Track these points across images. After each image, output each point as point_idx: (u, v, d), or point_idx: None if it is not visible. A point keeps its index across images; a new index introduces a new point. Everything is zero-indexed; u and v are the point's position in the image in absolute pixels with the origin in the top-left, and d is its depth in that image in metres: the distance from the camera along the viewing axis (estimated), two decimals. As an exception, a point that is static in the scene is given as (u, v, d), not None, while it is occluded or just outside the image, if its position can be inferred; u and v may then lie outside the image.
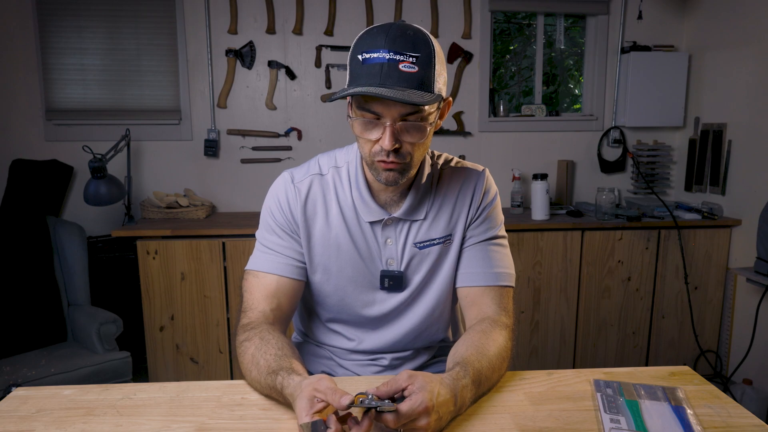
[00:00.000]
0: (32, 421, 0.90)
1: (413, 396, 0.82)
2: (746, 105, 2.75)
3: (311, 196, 1.13)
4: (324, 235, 1.13)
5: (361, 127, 0.99)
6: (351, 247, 1.13)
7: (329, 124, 3.10)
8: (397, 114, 0.95)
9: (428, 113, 0.98)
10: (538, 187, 2.78)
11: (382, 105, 0.94)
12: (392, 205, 1.13)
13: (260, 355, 0.98)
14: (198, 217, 2.82)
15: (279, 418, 0.91)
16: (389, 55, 0.92)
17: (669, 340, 2.91)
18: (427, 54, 0.94)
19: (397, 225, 1.13)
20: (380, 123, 0.97)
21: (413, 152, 1.00)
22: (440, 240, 1.14)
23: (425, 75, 0.94)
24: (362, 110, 0.97)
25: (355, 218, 1.12)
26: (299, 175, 1.15)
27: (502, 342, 1.04)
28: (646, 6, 3.12)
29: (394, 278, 1.14)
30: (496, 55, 3.69)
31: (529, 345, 2.83)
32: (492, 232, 1.17)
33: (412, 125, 0.97)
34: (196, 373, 2.65)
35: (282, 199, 1.13)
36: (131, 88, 2.99)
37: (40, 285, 2.42)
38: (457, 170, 1.18)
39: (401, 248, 1.14)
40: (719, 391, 1.00)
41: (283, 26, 3.00)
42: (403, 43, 0.93)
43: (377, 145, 0.99)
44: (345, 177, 1.14)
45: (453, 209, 1.15)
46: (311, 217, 1.13)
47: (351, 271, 1.14)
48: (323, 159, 1.17)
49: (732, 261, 2.86)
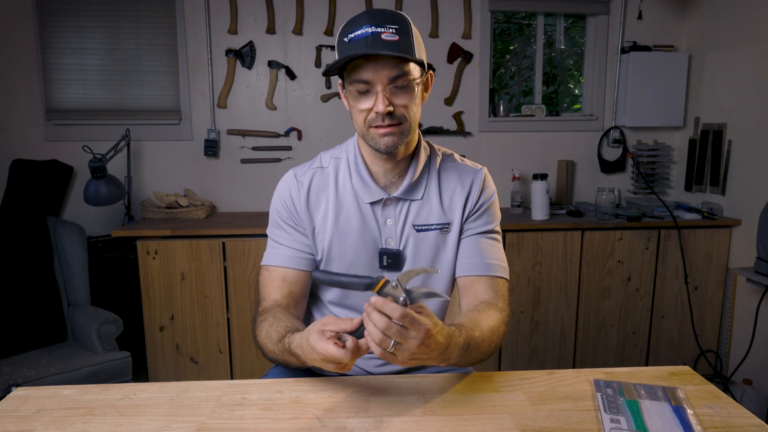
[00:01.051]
0: (32, 421, 0.90)
1: (423, 313, 0.85)
2: (746, 105, 2.75)
3: (313, 188, 1.20)
4: (325, 223, 1.18)
5: (354, 97, 1.07)
6: (352, 231, 1.18)
7: (329, 124, 3.10)
8: (386, 78, 1.03)
9: (415, 78, 1.06)
10: (538, 187, 2.78)
11: (372, 71, 1.02)
12: (391, 187, 1.19)
13: (273, 329, 1.06)
14: (198, 217, 2.82)
15: (279, 418, 0.91)
16: (371, 29, 1.01)
17: (669, 340, 2.91)
18: (405, 25, 1.04)
19: (397, 205, 1.18)
20: (371, 91, 1.04)
21: (406, 113, 1.07)
22: (437, 226, 1.19)
23: (406, 41, 1.03)
24: (353, 83, 1.05)
25: (355, 202, 1.18)
26: (301, 170, 1.23)
27: (496, 320, 1.08)
28: (646, 6, 3.12)
29: (392, 255, 1.18)
30: (496, 55, 3.69)
31: (529, 345, 2.83)
32: (488, 227, 1.22)
33: (401, 88, 1.05)
34: (196, 373, 2.65)
35: (285, 194, 1.21)
36: (131, 88, 2.99)
37: (40, 285, 2.42)
38: (458, 165, 1.24)
39: (400, 228, 1.18)
40: (719, 391, 1.00)
41: (283, 26, 3.00)
42: (381, 17, 1.03)
43: (371, 113, 1.06)
44: (344, 165, 1.21)
45: (450, 197, 1.20)
46: (314, 208, 1.19)
47: (352, 255, 1.18)
48: (325, 155, 1.25)
49: (732, 261, 2.86)
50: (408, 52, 1.02)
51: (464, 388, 1.01)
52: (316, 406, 0.95)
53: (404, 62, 1.04)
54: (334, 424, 0.89)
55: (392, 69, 1.02)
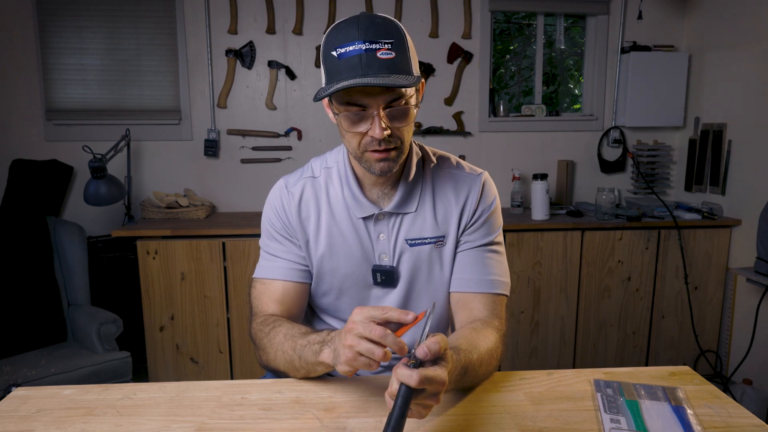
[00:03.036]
0: (32, 421, 0.90)
1: (441, 364, 0.78)
2: (746, 105, 2.75)
3: (304, 199, 1.15)
4: (318, 236, 1.14)
5: (348, 121, 0.99)
6: (344, 245, 1.13)
7: (329, 124, 3.09)
8: (383, 102, 0.96)
9: (410, 96, 1.00)
10: (538, 187, 2.78)
11: (368, 96, 0.96)
12: (383, 200, 1.13)
13: (294, 331, 1.01)
14: (198, 217, 2.82)
15: (279, 418, 0.91)
16: (365, 45, 0.93)
17: (669, 340, 2.91)
18: (400, 38, 0.96)
19: (389, 219, 1.13)
20: (367, 114, 0.98)
21: (402, 136, 1.02)
22: (431, 240, 1.14)
23: (402, 59, 0.96)
24: (347, 105, 0.98)
25: (347, 216, 1.13)
26: (292, 180, 1.18)
27: (493, 340, 1.03)
28: (646, 6, 3.12)
29: (385, 273, 1.14)
30: (496, 55, 3.69)
31: (529, 345, 2.83)
32: (488, 238, 1.16)
33: (398, 110, 0.98)
34: (196, 373, 2.65)
35: (277, 205, 1.16)
36: (131, 88, 2.99)
37: (40, 285, 2.42)
38: (453, 173, 1.17)
39: (393, 243, 1.14)
40: (719, 391, 1.00)
41: (283, 26, 3.00)
42: (375, 31, 0.94)
43: (367, 137, 0.99)
44: (335, 176, 1.16)
45: (444, 209, 1.15)
46: (305, 219, 1.15)
47: (345, 269, 1.14)
48: (315, 162, 1.20)
49: (732, 261, 2.86)
50: (405, 69, 0.96)
51: (464, 388, 1.01)
52: (316, 406, 0.94)
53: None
54: (334, 424, 0.88)
55: (389, 93, 0.96)
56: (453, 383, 0.88)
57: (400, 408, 0.74)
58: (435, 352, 0.75)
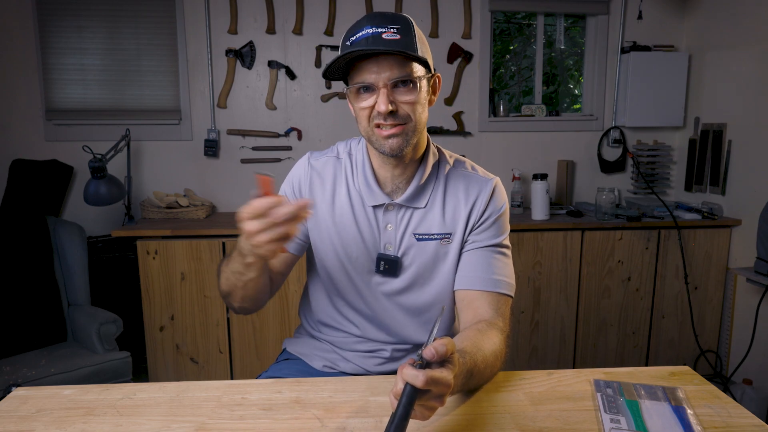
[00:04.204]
0: (32, 421, 0.90)
1: (447, 366, 0.77)
2: (746, 105, 2.75)
3: (324, 174, 1.20)
4: (330, 213, 1.18)
5: (356, 97, 1.05)
6: (354, 229, 1.17)
7: (329, 124, 3.10)
8: (388, 78, 1.01)
9: (418, 76, 1.03)
10: (538, 187, 2.78)
11: (373, 72, 1.01)
12: (395, 193, 1.17)
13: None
14: (198, 217, 2.82)
15: (279, 418, 0.91)
16: (372, 30, 1.00)
17: (669, 340, 2.91)
18: (407, 25, 1.02)
19: (399, 211, 1.16)
20: (374, 91, 1.03)
21: (411, 113, 1.05)
22: (438, 236, 1.16)
23: (408, 40, 1.01)
24: (355, 85, 1.04)
25: (360, 202, 1.17)
26: (317, 154, 1.24)
27: (498, 342, 1.03)
28: (646, 6, 3.12)
29: (389, 262, 1.16)
30: (496, 55, 3.69)
31: (529, 345, 2.83)
32: (496, 240, 1.17)
33: (405, 86, 1.03)
34: (196, 373, 2.65)
35: (294, 176, 1.23)
36: (131, 88, 2.99)
37: (40, 285, 2.42)
38: (467, 174, 1.20)
39: (400, 235, 1.17)
40: (719, 391, 1.00)
41: (283, 26, 3.00)
42: (382, 19, 1.01)
43: (374, 111, 1.04)
44: (356, 163, 1.20)
45: (453, 207, 1.17)
46: (318, 190, 1.19)
47: (352, 251, 1.18)
48: (341, 145, 1.25)
49: (732, 261, 2.86)
50: (410, 50, 0.99)
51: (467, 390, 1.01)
52: (316, 406, 0.94)
53: (407, 61, 1.01)
54: (334, 424, 0.88)
55: (394, 69, 1.00)
56: (458, 386, 0.88)
57: (404, 408, 0.74)
58: (442, 354, 0.75)
